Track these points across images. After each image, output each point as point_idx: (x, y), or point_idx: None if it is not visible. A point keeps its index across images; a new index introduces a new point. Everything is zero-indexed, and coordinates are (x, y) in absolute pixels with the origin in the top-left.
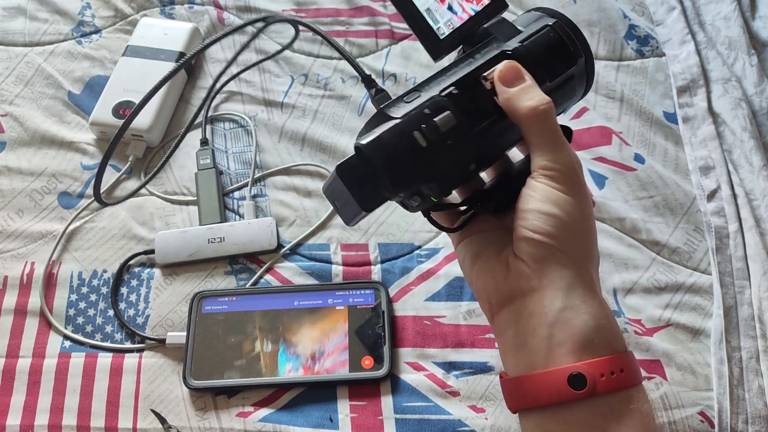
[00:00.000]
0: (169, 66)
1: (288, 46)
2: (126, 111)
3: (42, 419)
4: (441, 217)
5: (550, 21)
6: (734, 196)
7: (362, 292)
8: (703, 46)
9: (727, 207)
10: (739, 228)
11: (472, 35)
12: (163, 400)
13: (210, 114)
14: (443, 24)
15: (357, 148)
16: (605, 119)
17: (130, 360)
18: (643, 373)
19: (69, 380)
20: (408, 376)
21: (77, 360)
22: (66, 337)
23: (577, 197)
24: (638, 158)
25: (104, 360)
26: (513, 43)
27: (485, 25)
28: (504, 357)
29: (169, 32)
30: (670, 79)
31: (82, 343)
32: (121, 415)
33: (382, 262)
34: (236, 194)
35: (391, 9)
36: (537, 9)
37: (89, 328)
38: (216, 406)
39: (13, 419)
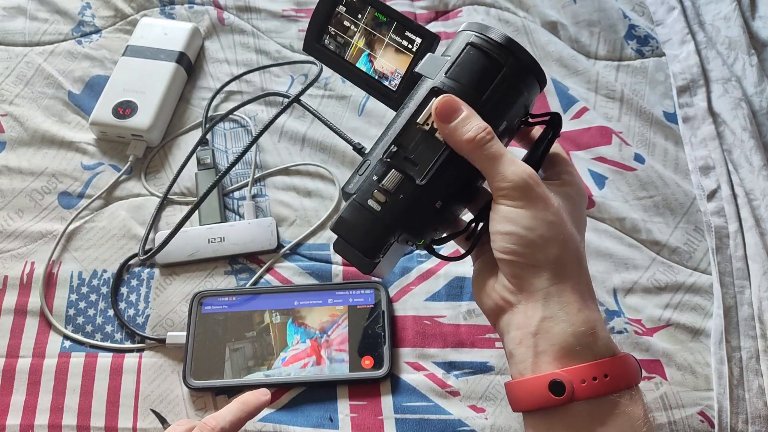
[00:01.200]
0: (169, 66)
1: (288, 106)
2: (126, 111)
3: (42, 419)
4: (461, 242)
5: (470, 38)
6: (734, 196)
7: (362, 292)
8: (703, 46)
9: (727, 207)
10: (739, 228)
11: (416, 78)
12: (163, 400)
13: (210, 114)
14: (394, 77)
15: (331, 229)
16: (605, 119)
17: (130, 360)
18: (643, 373)
19: (69, 380)
20: (408, 376)
21: (77, 360)
22: (66, 337)
23: (533, 208)
24: (638, 158)
25: (104, 360)
26: (440, 77)
27: (416, 69)
28: (508, 363)
29: (169, 32)
30: (670, 79)
31: (82, 343)
32: (121, 415)
33: None
34: (236, 194)
35: None
36: (464, 27)
37: (89, 328)
38: (216, 406)
39: (13, 419)
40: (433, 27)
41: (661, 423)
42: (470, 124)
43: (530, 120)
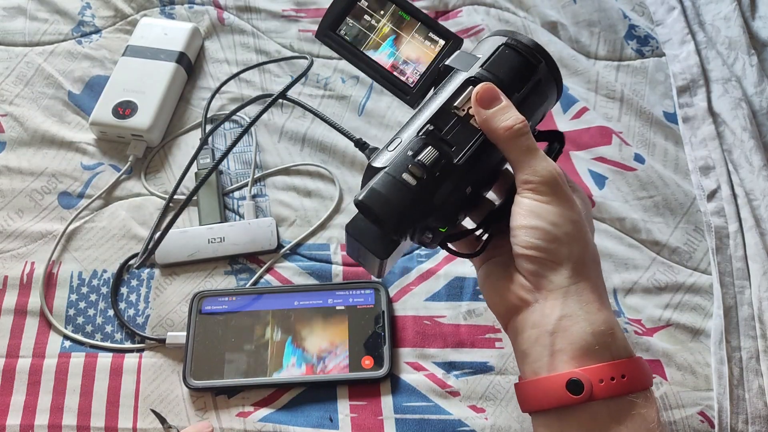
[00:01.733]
0: (169, 66)
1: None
2: (126, 111)
3: (42, 419)
4: (461, 246)
5: (503, 40)
6: (734, 196)
7: (362, 292)
8: (703, 46)
9: (727, 207)
10: (739, 228)
11: (439, 75)
12: (163, 400)
13: (210, 114)
14: (410, 74)
15: (356, 203)
16: (605, 119)
17: (130, 360)
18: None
19: (69, 380)
20: (408, 376)
21: (77, 360)
22: (66, 337)
23: (560, 205)
24: (638, 158)
25: (104, 360)
26: (475, 69)
27: (446, 62)
28: (518, 364)
29: (169, 32)
30: (670, 79)
31: (82, 343)
32: (121, 415)
33: None
34: (236, 194)
35: None
36: (492, 34)
37: (89, 328)
38: (216, 406)
39: (13, 419)
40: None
41: (665, 423)
42: (509, 113)
43: (536, 135)
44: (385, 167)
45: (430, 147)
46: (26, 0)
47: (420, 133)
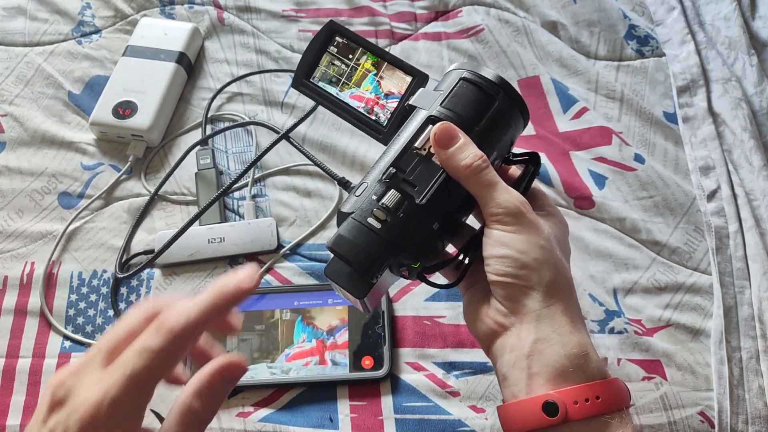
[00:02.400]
0: (169, 66)
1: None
2: (126, 111)
3: None
4: (447, 273)
5: (462, 74)
6: (734, 196)
7: None
8: (703, 46)
9: (727, 207)
10: (739, 228)
11: (406, 113)
12: (163, 400)
13: (210, 114)
14: (381, 114)
15: (328, 249)
16: (605, 119)
17: None
18: (643, 373)
19: None
20: (408, 376)
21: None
22: (66, 337)
23: (526, 233)
24: (638, 158)
25: None
26: (435, 106)
27: (410, 102)
28: (500, 387)
29: (169, 32)
30: (670, 79)
31: (82, 343)
32: None
33: None
34: (236, 194)
35: (391, 9)
36: (454, 67)
37: (89, 328)
38: None
39: (13, 419)
40: (433, 27)
41: (661, 423)
42: (467, 151)
43: (512, 158)
44: (351, 212)
45: (392, 190)
46: (26, 0)
47: (383, 177)
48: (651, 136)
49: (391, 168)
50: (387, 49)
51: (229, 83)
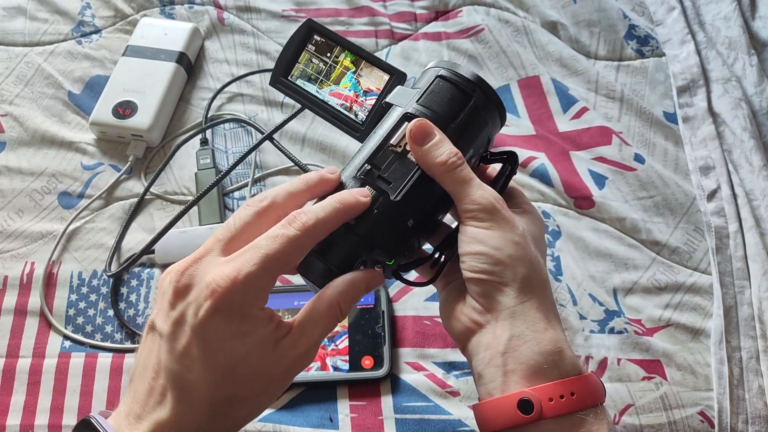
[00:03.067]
0: (169, 66)
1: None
2: (126, 111)
3: (42, 419)
4: (423, 271)
5: (439, 71)
6: (734, 196)
7: None
8: (703, 46)
9: (727, 207)
10: (739, 228)
11: (383, 111)
12: None
13: (210, 114)
14: (360, 112)
15: None
16: (605, 119)
17: (130, 360)
18: (643, 373)
19: (69, 380)
20: (408, 376)
21: (77, 360)
22: (66, 337)
23: (500, 229)
24: (638, 158)
25: (104, 360)
26: (412, 104)
27: (387, 99)
28: (476, 386)
29: (169, 32)
30: (670, 79)
31: (82, 343)
32: None
33: None
34: (236, 194)
35: (391, 9)
36: (431, 66)
37: (89, 328)
38: None
39: (13, 419)
40: (433, 27)
41: (661, 423)
42: (442, 148)
43: (489, 157)
44: None
45: (367, 187)
46: (26, 0)
47: (358, 174)
48: (651, 136)
49: (366, 164)
50: (387, 49)
51: (228, 83)
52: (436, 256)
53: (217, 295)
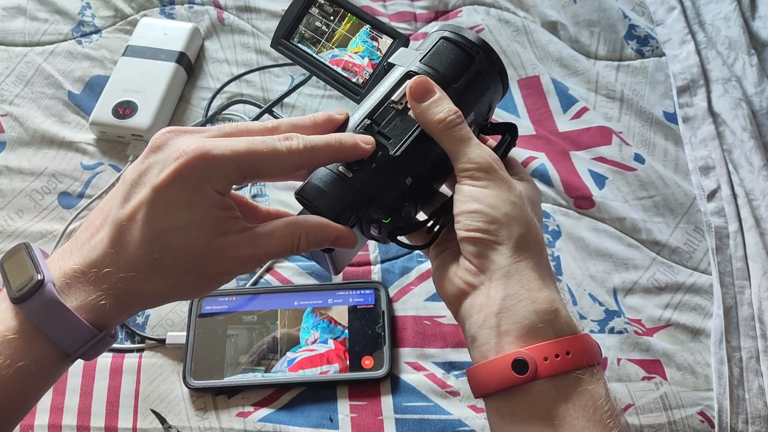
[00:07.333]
0: (169, 66)
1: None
2: (126, 111)
3: (42, 419)
4: (416, 239)
5: (443, 33)
6: (734, 196)
7: (362, 292)
8: (703, 46)
9: (727, 207)
10: (739, 228)
11: (384, 73)
12: (163, 400)
13: (210, 113)
14: (360, 78)
15: (296, 197)
16: (605, 119)
17: (130, 360)
18: (643, 373)
19: (69, 380)
20: (408, 376)
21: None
22: None
23: (497, 188)
24: (638, 158)
25: (104, 360)
26: (414, 63)
27: (389, 59)
28: (468, 350)
29: (169, 32)
30: (670, 79)
31: None
32: (121, 415)
33: (382, 262)
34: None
35: (391, 9)
36: (436, 29)
37: None
38: (216, 406)
39: None
40: (433, 27)
41: (661, 423)
42: (441, 105)
43: (490, 127)
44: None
45: None
46: (26, 0)
47: (357, 128)
48: (651, 136)
49: (366, 119)
50: None
51: (228, 82)
52: (431, 223)
53: (181, 161)
